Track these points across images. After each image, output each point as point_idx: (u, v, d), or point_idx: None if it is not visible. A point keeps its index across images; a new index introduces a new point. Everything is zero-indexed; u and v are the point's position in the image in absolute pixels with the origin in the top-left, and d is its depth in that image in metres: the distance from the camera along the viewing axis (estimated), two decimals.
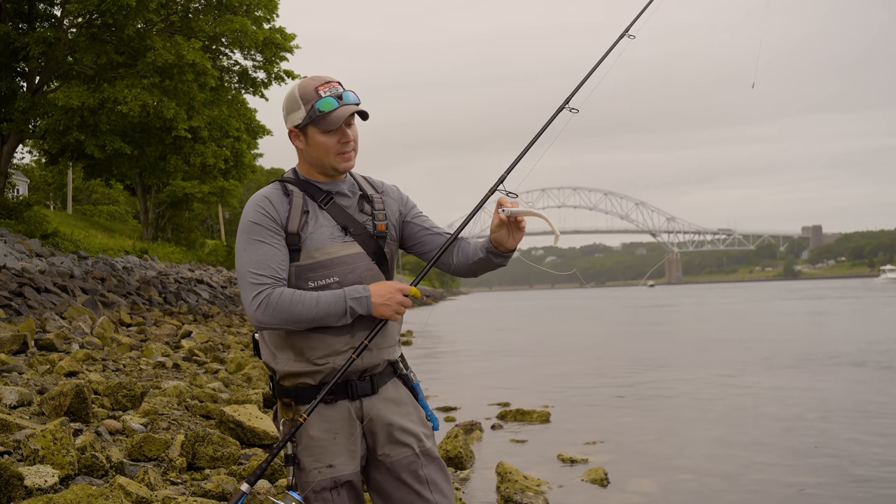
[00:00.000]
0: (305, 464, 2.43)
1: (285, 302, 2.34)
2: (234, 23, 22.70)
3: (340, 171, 2.52)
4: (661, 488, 6.03)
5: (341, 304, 2.36)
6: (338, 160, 2.48)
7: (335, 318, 2.37)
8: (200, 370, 10.29)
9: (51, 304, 14.34)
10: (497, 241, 2.46)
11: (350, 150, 2.49)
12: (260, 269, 2.38)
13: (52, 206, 47.74)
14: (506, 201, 2.41)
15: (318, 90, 2.44)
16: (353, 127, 2.50)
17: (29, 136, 23.46)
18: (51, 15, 22.89)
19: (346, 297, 2.37)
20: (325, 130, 2.44)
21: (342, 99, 2.44)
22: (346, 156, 2.49)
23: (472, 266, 2.57)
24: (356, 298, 2.37)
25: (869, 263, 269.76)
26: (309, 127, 2.46)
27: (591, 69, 2.82)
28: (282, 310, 2.34)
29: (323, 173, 2.53)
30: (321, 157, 2.48)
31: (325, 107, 2.42)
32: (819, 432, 8.02)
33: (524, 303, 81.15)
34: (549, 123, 2.69)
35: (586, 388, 12.07)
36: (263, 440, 5.84)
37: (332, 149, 2.46)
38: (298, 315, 2.34)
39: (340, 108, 2.43)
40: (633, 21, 2.99)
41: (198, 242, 43.85)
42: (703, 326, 28.34)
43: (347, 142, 2.47)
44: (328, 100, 2.43)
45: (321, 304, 2.35)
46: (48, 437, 4.23)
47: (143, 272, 24.92)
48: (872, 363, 13.86)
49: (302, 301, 2.35)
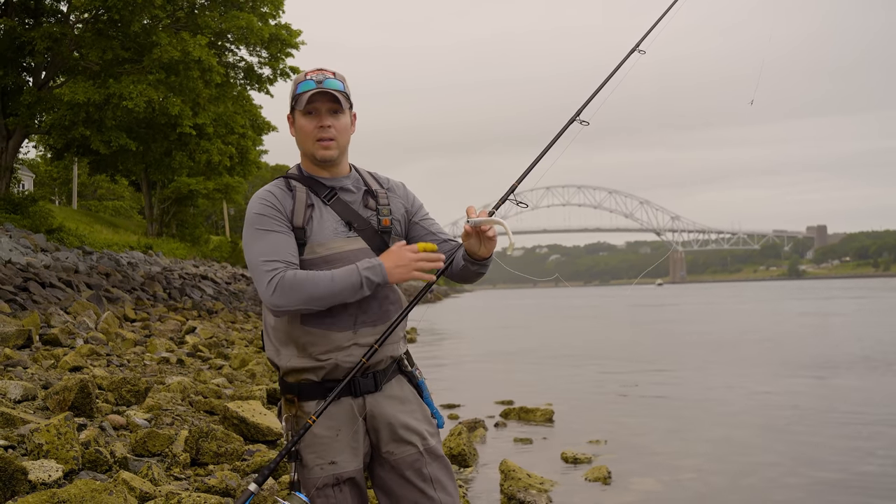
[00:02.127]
0: (308, 461, 2.43)
1: (301, 281, 2.32)
2: (239, 19, 22.68)
3: (318, 159, 2.49)
4: (665, 487, 6.02)
5: (356, 276, 2.34)
6: (316, 146, 2.47)
7: (352, 290, 2.34)
8: (204, 366, 10.30)
9: (55, 299, 14.36)
10: (470, 250, 2.45)
11: (328, 138, 2.46)
12: (271, 256, 2.37)
13: (58, 202, 47.84)
14: (472, 211, 2.40)
15: (307, 75, 2.48)
16: (339, 119, 2.48)
17: (35, 132, 23.50)
18: (57, 10, 22.92)
19: (360, 269, 2.35)
20: (303, 113, 2.46)
21: (321, 84, 2.44)
22: (323, 143, 2.46)
23: (460, 273, 2.56)
24: (369, 268, 2.36)
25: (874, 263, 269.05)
26: (295, 112, 2.49)
27: (601, 84, 2.86)
28: (298, 289, 2.32)
29: (313, 163, 2.52)
30: (302, 143, 2.50)
31: (303, 88, 2.45)
32: (823, 432, 8.00)
33: (528, 301, 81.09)
34: (560, 136, 2.71)
35: (590, 386, 12.06)
36: (267, 436, 5.84)
37: (311, 133, 2.46)
38: (315, 292, 2.32)
39: (315, 90, 2.44)
40: (644, 37, 3.00)
41: (202, 238, 43.91)
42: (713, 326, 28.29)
43: (324, 127, 2.45)
44: (308, 82, 2.46)
45: (336, 279, 2.34)
46: (52, 432, 4.24)
47: (148, 268, 24.96)
48: (883, 365, 13.82)
49: (316, 279, 2.33)
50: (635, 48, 2.96)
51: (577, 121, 2.76)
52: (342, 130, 2.49)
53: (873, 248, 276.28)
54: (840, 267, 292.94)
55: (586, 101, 2.80)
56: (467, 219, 2.41)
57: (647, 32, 3.02)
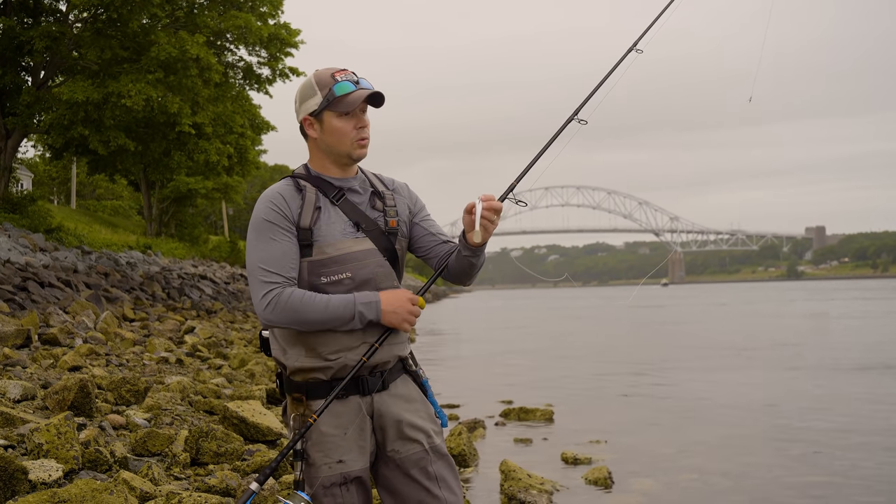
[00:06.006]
0: (315, 459, 2.42)
1: (295, 303, 2.34)
2: (238, 18, 22.68)
3: (355, 159, 2.50)
4: (665, 488, 6.01)
5: (350, 309, 2.36)
6: (354, 146, 2.48)
7: (343, 322, 2.36)
8: (204, 366, 10.29)
9: (54, 299, 14.34)
10: (466, 229, 2.42)
11: (367, 137, 2.49)
12: (271, 268, 2.37)
13: (56, 201, 47.79)
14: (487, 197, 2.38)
15: (335, 76, 2.46)
16: (366, 116, 2.51)
17: (33, 131, 23.46)
18: (56, 9, 22.89)
19: (357, 303, 2.36)
20: (342, 114, 2.44)
21: (358, 84, 2.46)
22: (362, 142, 2.49)
23: (456, 265, 2.52)
24: (366, 304, 2.37)
25: (872, 265, 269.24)
26: (325, 112, 2.46)
27: (599, 83, 2.86)
28: (291, 310, 2.34)
29: (337, 163, 2.51)
30: (336, 144, 2.47)
31: (342, 90, 2.43)
32: (823, 433, 8.00)
33: (528, 301, 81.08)
34: (558, 135, 2.72)
35: (590, 387, 12.06)
36: (267, 436, 5.83)
37: (349, 134, 2.46)
38: (307, 317, 2.35)
39: (357, 90, 2.44)
40: (641, 36, 3.02)
41: (201, 238, 43.86)
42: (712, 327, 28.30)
43: (364, 126, 2.48)
44: (345, 83, 2.44)
45: (330, 308, 2.35)
46: (52, 432, 4.23)
47: (147, 268, 24.94)
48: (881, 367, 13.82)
49: (312, 303, 2.34)
50: (632, 47, 2.98)
51: (576, 119, 2.77)
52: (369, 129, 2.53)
53: (872, 250, 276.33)
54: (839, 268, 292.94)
55: (584, 100, 2.81)
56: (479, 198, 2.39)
57: (643, 32, 3.03)
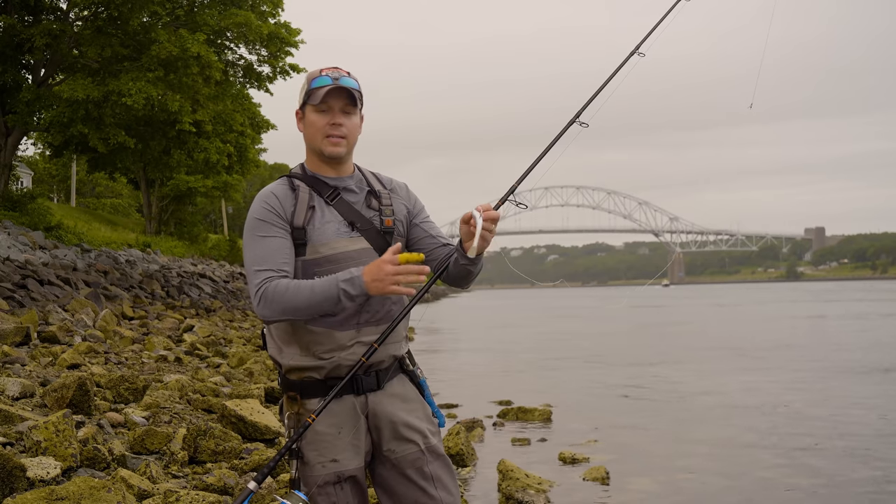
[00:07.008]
0: (309, 458, 2.43)
1: (280, 292, 2.32)
2: (238, 17, 22.68)
3: (326, 156, 2.48)
4: (662, 488, 6.02)
5: (334, 287, 2.30)
6: (325, 142, 2.46)
7: (331, 302, 2.31)
8: (202, 364, 10.30)
9: (54, 297, 14.35)
10: (463, 238, 2.42)
11: (339, 135, 2.46)
12: (262, 265, 2.37)
13: (56, 199, 47.76)
14: (484, 206, 2.37)
15: (322, 71, 2.49)
16: (350, 118, 2.49)
17: (33, 129, 23.46)
18: (56, 7, 22.89)
19: (339, 279, 2.31)
20: (317, 109, 2.46)
21: (338, 81, 2.45)
22: (332, 140, 2.46)
23: (455, 271, 2.52)
24: (348, 280, 2.30)
25: (872, 266, 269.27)
26: (306, 106, 2.49)
27: (601, 86, 2.87)
28: (279, 300, 2.31)
29: (320, 160, 2.52)
30: (310, 139, 2.50)
31: (317, 83, 2.45)
32: (820, 434, 8.01)
33: (527, 301, 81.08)
34: (559, 137, 2.71)
35: (588, 387, 12.07)
36: (265, 435, 5.84)
37: (321, 129, 2.46)
38: (295, 303, 2.31)
39: (332, 85, 2.44)
40: (644, 39, 3.01)
41: (201, 237, 43.85)
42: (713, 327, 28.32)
43: (336, 125, 2.46)
44: (323, 78, 2.46)
45: (316, 290, 2.31)
46: (50, 429, 4.24)
47: (146, 266, 24.95)
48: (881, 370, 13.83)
49: (297, 290, 2.32)
50: (635, 51, 2.97)
51: (577, 122, 2.76)
52: (352, 129, 2.50)
53: (871, 251, 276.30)
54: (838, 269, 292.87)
55: (586, 103, 2.81)
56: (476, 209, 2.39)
57: (646, 36, 3.03)
